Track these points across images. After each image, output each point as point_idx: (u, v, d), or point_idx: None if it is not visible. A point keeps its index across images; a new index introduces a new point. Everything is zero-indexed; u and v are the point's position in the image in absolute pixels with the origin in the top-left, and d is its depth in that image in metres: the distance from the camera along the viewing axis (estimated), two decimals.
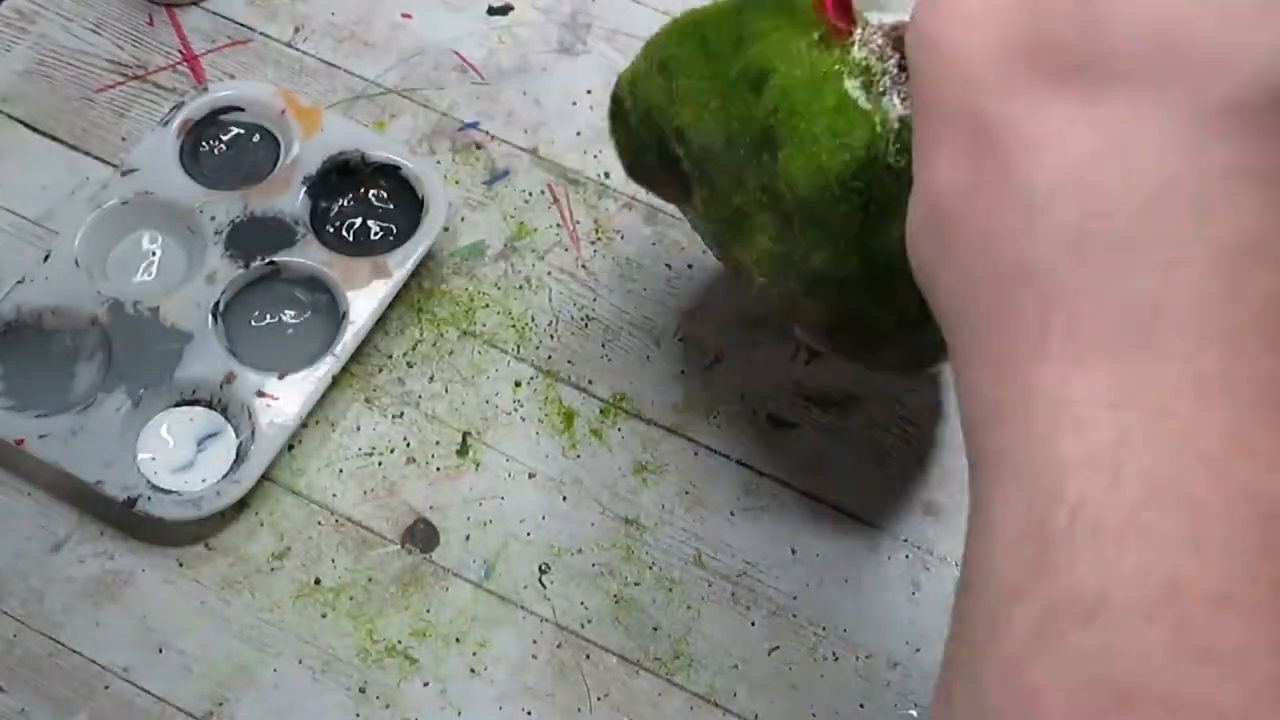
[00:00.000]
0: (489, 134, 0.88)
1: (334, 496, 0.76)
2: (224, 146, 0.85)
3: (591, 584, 0.74)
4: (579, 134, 0.88)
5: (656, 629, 0.73)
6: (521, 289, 0.83)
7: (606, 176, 0.86)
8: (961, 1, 0.43)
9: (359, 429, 0.78)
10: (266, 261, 0.80)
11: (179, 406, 0.77)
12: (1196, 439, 0.38)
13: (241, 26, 0.92)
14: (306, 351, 0.78)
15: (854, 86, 0.57)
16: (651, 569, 0.75)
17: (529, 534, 0.76)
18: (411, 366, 0.80)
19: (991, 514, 0.41)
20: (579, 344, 0.81)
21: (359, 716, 0.71)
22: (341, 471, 0.77)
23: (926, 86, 0.45)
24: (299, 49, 0.91)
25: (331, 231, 0.83)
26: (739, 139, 0.60)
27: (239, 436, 0.76)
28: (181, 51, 0.91)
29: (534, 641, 0.73)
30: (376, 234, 0.83)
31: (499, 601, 0.74)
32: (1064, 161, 0.40)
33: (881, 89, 0.56)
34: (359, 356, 0.80)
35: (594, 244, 0.84)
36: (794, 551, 0.76)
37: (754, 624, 0.74)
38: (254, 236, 0.81)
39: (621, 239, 0.85)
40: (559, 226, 0.85)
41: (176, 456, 0.75)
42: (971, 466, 0.43)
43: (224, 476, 0.75)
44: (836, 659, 0.73)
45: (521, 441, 0.78)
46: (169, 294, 0.79)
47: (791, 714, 0.71)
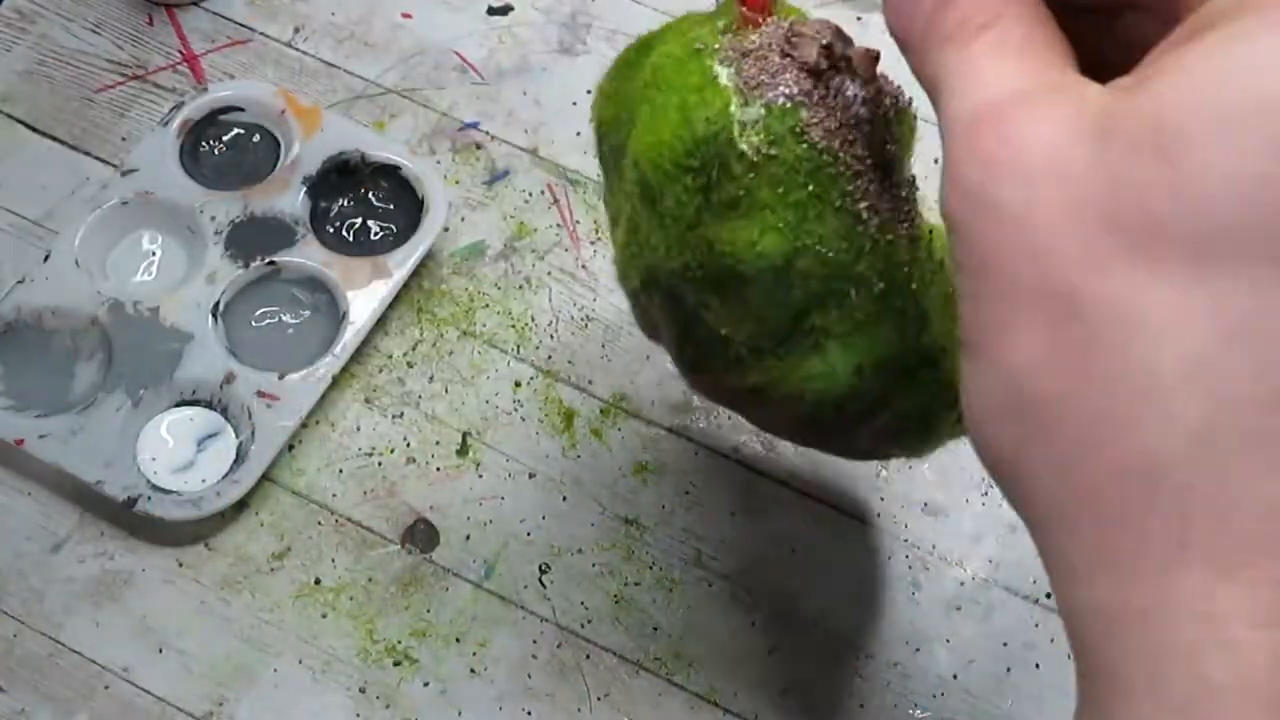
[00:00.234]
0: (489, 134, 0.88)
1: (334, 496, 0.76)
2: (224, 146, 0.85)
3: (591, 584, 0.74)
4: (579, 134, 0.88)
5: (656, 629, 0.73)
6: (521, 289, 0.83)
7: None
8: (1018, 155, 0.38)
9: (359, 429, 0.78)
10: (266, 261, 0.80)
11: (179, 406, 0.77)
12: None
13: (241, 26, 0.92)
14: (306, 351, 0.78)
15: (721, 67, 0.51)
16: (651, 569, 0.75)
17: (529, 534, 0.76)
18: (411, 366, 0.80)
19: None
20: (579, 344, 0.81)
21: (359, 716, 0.71)
22: (341, 471, 0.77)
23: (983, 251, 0.40)
24: (299, 49, 0.91)
25: (331, 231, 0.83)
26: (623, 122, 0.55)
27: (239, 436, 0.76)
28: (181, 51, 0.91)
29: (534, 641, 0.73)
30: (376, 234, 0.83)
31: (499, 601, 0.74)
32: (1184, 350, 0.36)
33: (754, 78, 0.51)
34: (359, 356, 0.80)
35: (594, 244, 0.84)
36: (794, 551, 0.76)
37: (754, 624, 0.74)
38: (254, 236, 0.81)
39: None
40: (559, 226, 0.85)
41: (176, 456, 0.75)
42: (1084, 675, 0.40)
43: (224, 476, 0.75)
44: (836, 659, 0.73)
45: (521, 441, 0.78)
46: (169, 294, 0.79)
47: (791, 714, 0.71)
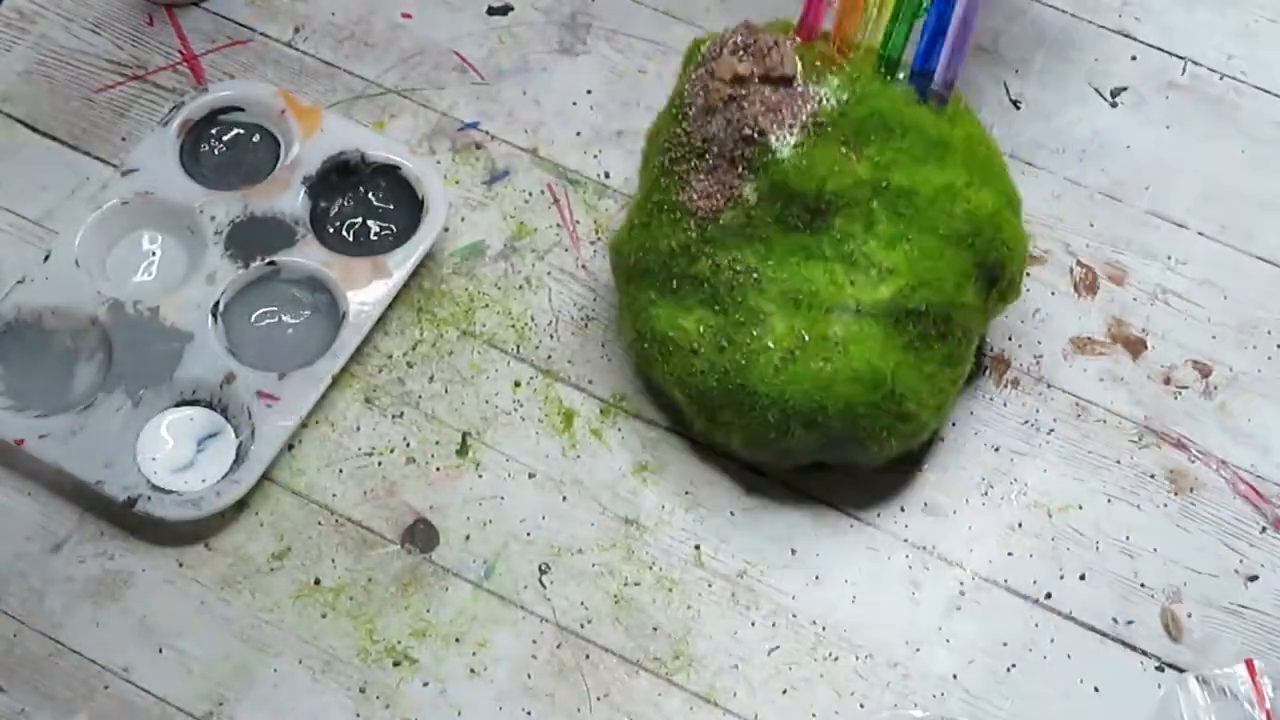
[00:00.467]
0: (489, 134, 0.88)
1: (334, 496, 0.76)
2: (224, 146, 0.85)
3: (591, 584, 0.74)
4: (579, 134, 0.88)
5: (656, 629, 0.73)
6: (521, 289, 0.83)
7: (606, 176, 0.86)
8: None
9: (359, 429, 0.78)
10: (266, 261, 0.80)
11: (179, 406, 0.77)
12: None
13: (241, 26, 0.92)
14: (306, 351, 0.78)
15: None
16: (651, 569, 0.75)
17: (529, 534, 0.76)
18: (411, 366, 0.80)
19: None
20: (579, 344, 0.81)
21: (359, 716, 0.71)
22: (341, 471, 0.77)
23: None
24: (299, 49, 0.91)
25: (331, 231, 0.83)
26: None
27: (239, 436, 0.76)
28: (181, 51, 0.91)
29: (534, 641, 0.73)
30: (376, 234, 0.83)
31: (499, 601, 0.74)
32: None
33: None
34: (359, 356, 0.80)
35: (594, 244, 0.84)
36: (794, 551, 0.75)
37: (754, 624, 0.74)
38: (254, 236, 0.81)
39: None
40: (559, 226, 0.85)
41: (176, 456, 0.75)
42: None
43: (224, 476, 0.75)
44: (836, 659, 0.73)
45: (521, 441, 0.78)
46: (169, 294, 0.79)
47: (791, 714, 0.71)
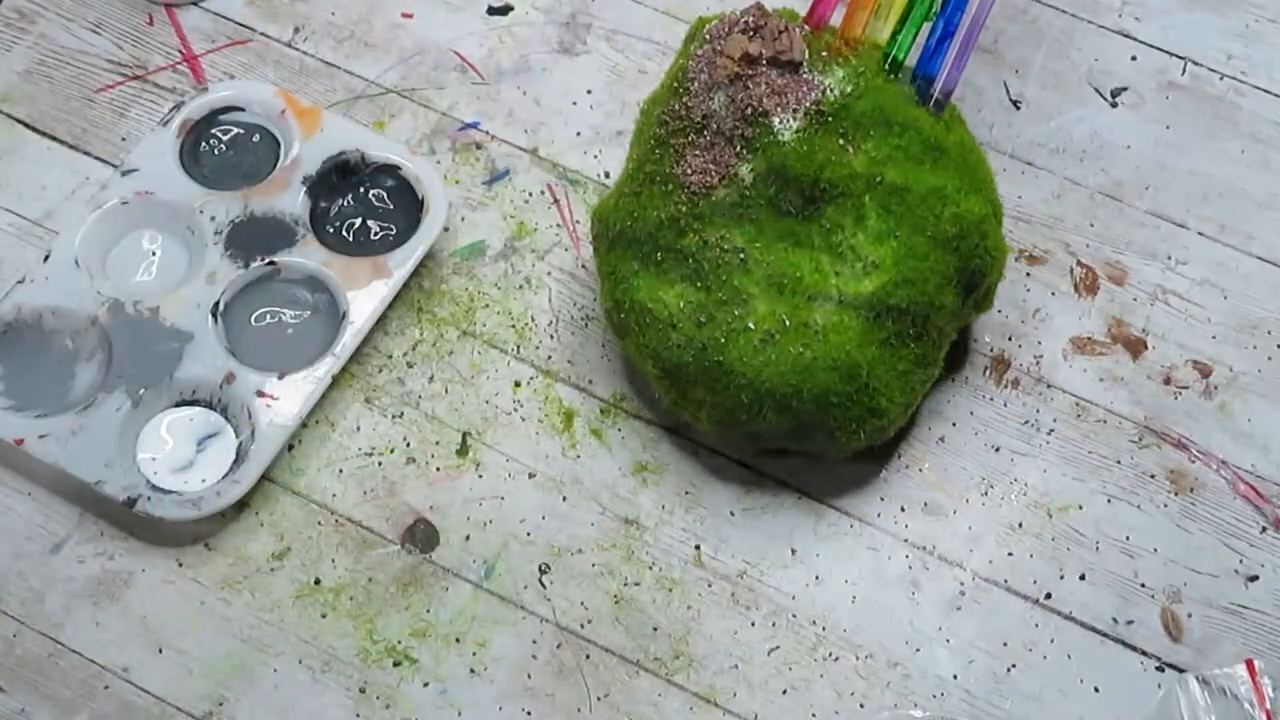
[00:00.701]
0: (489, 134, 0.88)
1: (334, 496, 0.76)
2: (224, 146, 0.85)
3: (591, 584, 0.74)
4: (579, 134, 0.88)
5: (656, 629, 0.73)
6: (521, 289, 0.83)
7: (606, 176, 0.86)
8: None
9: (359, 429, 0.78)
10: (266, 261, 0.80)
11: (179, 406, 0.77)
12: None
13: (241, 26, 0.92)
14: (306, 351, 0.78)
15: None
16: (651, 569, 0.75)
17: (529, 534, 0.76)
18: (411, 366, 0.80)
19: None
20: (579, 344, 0.81)
21: (359, 716, 0.71)
22: (341, 471, 0.77)
23: None
24: (299, 49, 0.91)
25: (331, 231, 0.83)
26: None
27: (239, 436, 0.76)
28: (181, 51, 0.91)
29: (534, 641, 0.73)
30: (376, 234, 0.83)
31: (499, 601, 0.74)
32: None
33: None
34: (359, 356, 0.80)
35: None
36: (794, 551, 0.76)
37: (754, 624, 0.74)
38: (254, 236, 0.81)
39: None
40: (559, 226, 0.85)
41: (176, 456, 0.75)
42: None
43: (224, 476, 0.75)
44: (836, 659, 0.73)
45: (521, 441, 0.78)
46: (169, 294, 0.79)
47: (791, 714, 0.71)
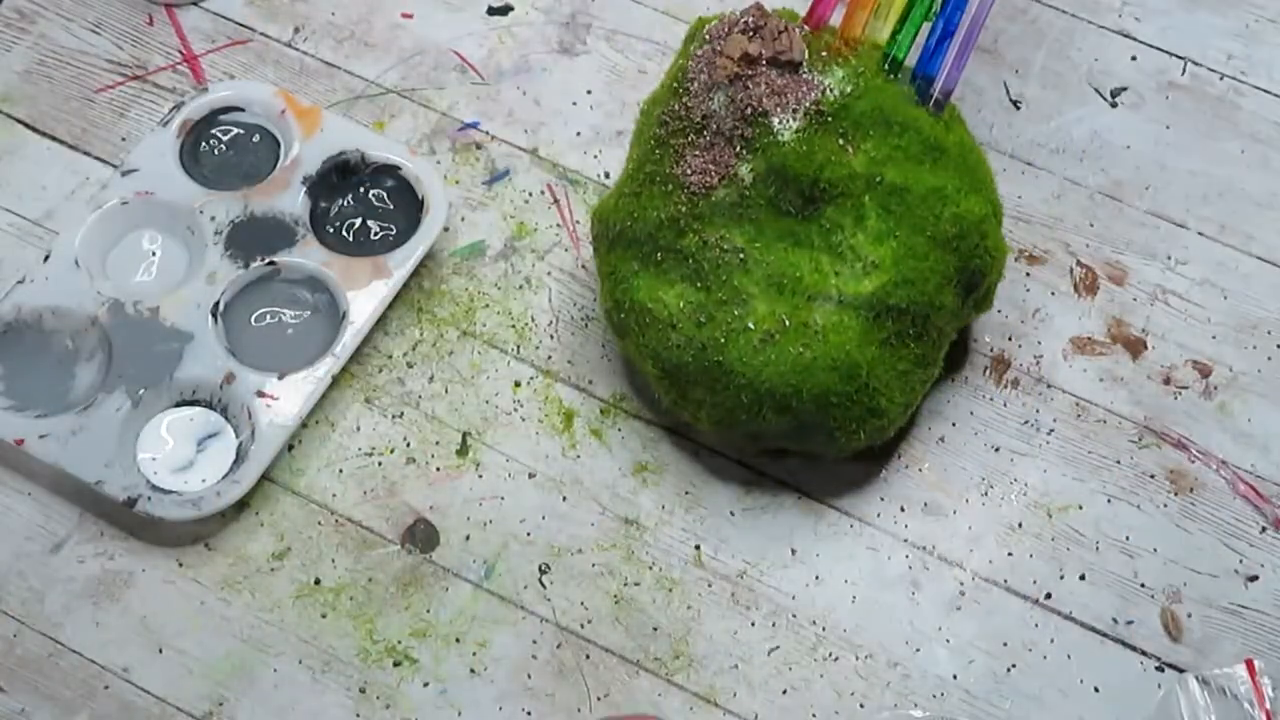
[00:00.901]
0: (489, 134, 0.88)
1: (334, 496, 0.76)
2: (224, 146, 0.85)
3: (591, 584, 0.74)
4: (579, 134, 0.88)
5: (656, 629, 0.73)
6: (521, 289, 0.83)
7: (606, 176, 0.86)
8: None
9: (359, 429, 0.78)
10: (266, 261, 0.80)
11: (179, 406, 0.77)
12: None
13: (241, 26, 0.92)
14: (306, 351, 0.78)
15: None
16: (651, 569, 0.75)
17: (529, 534, 0.76)
18: (411, 366, 0.80)
19: None
20: (579, 344, 0.81)
21: (359, 716, 0.71)
22: (341, 471, 0.77)
23: None
24: (299, 49, 0.91)
25: (331, 231, 0.83)
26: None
27: (239, 436, 0.76)
28: (181, 51, 0.91)
29: (534, 641, 0.73)
30: (376, 234, 0.83)
31: (499, 601, 0.74)
32: None
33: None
34: (359, 356, 0.80)
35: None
36: (794, 551, 0.76)
37: (754, 624, 0.74)
38: (254, 236, 0.81)
39: None
40: (559, 226, 0.85)
41: (176, 456, 0.75)
42: None
43: (224, 476, 0.75)
44: (836, 659, 0.73)
45: (521, 441, 0.78)
46: (169, 294, 0.79)
47: (791, 714, 0.71)
